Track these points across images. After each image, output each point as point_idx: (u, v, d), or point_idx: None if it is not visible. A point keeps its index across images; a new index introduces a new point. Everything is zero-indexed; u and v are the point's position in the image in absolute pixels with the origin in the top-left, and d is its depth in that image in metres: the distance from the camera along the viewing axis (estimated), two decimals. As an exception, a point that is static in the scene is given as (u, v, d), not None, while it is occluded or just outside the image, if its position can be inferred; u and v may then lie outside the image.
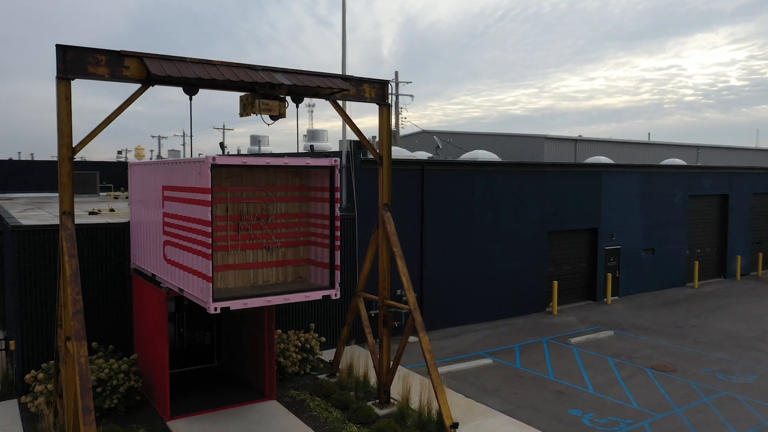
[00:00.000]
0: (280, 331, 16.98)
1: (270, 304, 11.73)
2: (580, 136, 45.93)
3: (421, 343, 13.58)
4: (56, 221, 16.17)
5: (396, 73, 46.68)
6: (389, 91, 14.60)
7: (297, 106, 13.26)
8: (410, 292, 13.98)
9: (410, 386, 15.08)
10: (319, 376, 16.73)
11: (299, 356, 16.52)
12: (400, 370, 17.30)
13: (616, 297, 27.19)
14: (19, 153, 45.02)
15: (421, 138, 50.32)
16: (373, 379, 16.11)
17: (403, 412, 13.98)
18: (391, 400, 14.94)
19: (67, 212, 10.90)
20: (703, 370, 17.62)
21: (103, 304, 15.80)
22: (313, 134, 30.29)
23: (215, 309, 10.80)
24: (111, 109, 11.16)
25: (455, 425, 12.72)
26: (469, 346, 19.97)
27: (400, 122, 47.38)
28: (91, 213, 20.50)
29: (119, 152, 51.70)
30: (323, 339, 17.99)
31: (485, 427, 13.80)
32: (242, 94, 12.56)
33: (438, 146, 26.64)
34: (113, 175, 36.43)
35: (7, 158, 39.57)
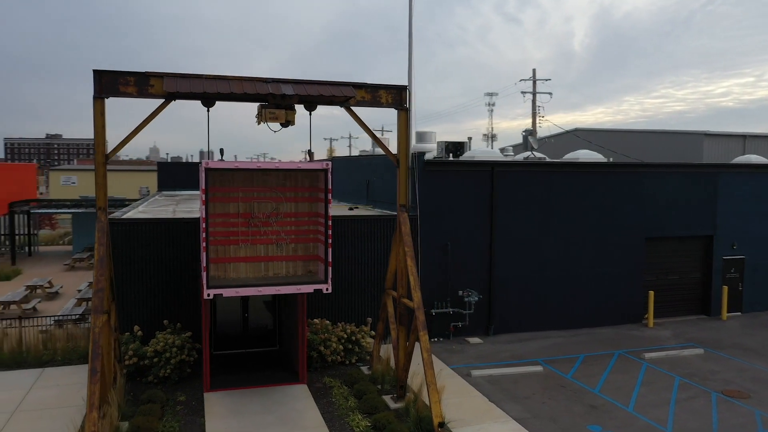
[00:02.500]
0: (327, 321, 18.14)
1: (261, 294, 12.97)
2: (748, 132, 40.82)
3: (420, 342, 13.90)
4: (150, 216, 19.06)
5: (534, 70, 45.54)
6: (407, 97, 15.00)
7: (310, 114, 14.33)
8: (416, 292, 14.34)
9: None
10: (362, 368, 17.64)
11: (341, 347, 17.57)
12: (444, 369, 17.66)
13: (738, 313, 24.23)
14: (193, 154, 51.52)
15: (564, 139, 48.50)
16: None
17: (410, 407, 14.38)
18: (408, 395, 15.38)
19: (101, 208, 13.16)
20: (783, 401, 15.44)
21: (182, 289, 18.15)
22: (421, 136, 31.00)
23: (208, 295, 12.31)
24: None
25: (441, 424, 12.91)
26: (529, 352, 19.46)
27: (537, 122, 46.17)
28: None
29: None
30: (373, 333, 18.83)
31: (488, 430, 13.72)
32: (258, 104, 13.96)
33: (533, 147, 25.80)
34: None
35: (180, 160, 45.59)
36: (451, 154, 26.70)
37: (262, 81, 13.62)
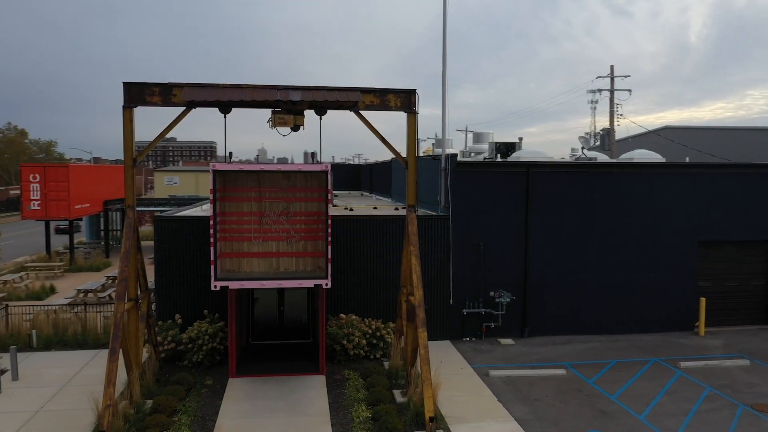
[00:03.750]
0: (354, 317, 18.85)
1: (264, 287, 13.91)
2: None
3: (419, 339, 14.29)
4: (193, 214, 20.62)
5: (611, 67, 43.90)
6: (415, 100, 15.40)
7: (320, 119, 15.12)
8: (418, 290, 14.73)
9: (441, 381, 15.73)
10: (384, 362, 18.22)
11: (364, 341, 18.23)
12: (465, 368, 17.91)
13: (808, 325, 22.43)
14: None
15: (646, 139, 46.49)
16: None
17: (410, 401, 14.80)
18: (411, 390, 15.77)
19: (129, 206, 14.63)
20: (818, 419, 14.38)
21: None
22: (478, 137, 31.05)
23: (215, 287, 13.41)
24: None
25: (432, 419, 13.26)
26: (559, 355, 19.20)
27: (615, 121, 44.51)
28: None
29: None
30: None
31: (484, 428, 13.89)
32: (271, 110, 14.94)
33: (582, 147, 25.06)
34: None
35: (285, 161, 48.09)
36: (500, 155, 26.71)
37: (272, 88, 14.57)
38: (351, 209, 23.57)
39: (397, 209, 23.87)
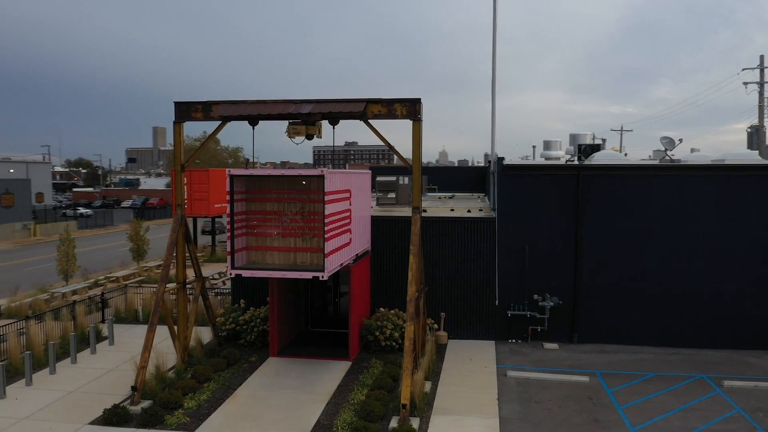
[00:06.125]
0: (392, 311, 20.11)
1: (271, 277, 15.85)
2: None
3: (406, 332, 15.26)
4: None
5: (761, 57, 39.39)
6: (420, 108, 16.30)
7: (333, 128, 16.76)
8: (411, 286, 15.70)
9: (445, 377, 16.56)
10: (415, 355, 19.27)
11: (396, 333, 19.42)
12: (488, 367, 18.40)
13: None
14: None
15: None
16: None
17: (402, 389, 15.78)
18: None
19: (179, 204, 17.51)
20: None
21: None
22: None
23: (230, 274, 15.72)
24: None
25: (404, 406, 14.22)
26: (596, 363, 18.70)
27: (765, 117, 39.91)
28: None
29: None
30: (436, 325, 20.26)
31: (464, 422, 14.47)
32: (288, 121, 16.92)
33: (666, 150, 23.21)
34: (446, 177, 42.82)
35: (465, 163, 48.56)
36: (581, 156, 26.15)
37: (289, 102, 16.53)
38: (425, 210, 24.74)
39: (469, 211, 24.53)
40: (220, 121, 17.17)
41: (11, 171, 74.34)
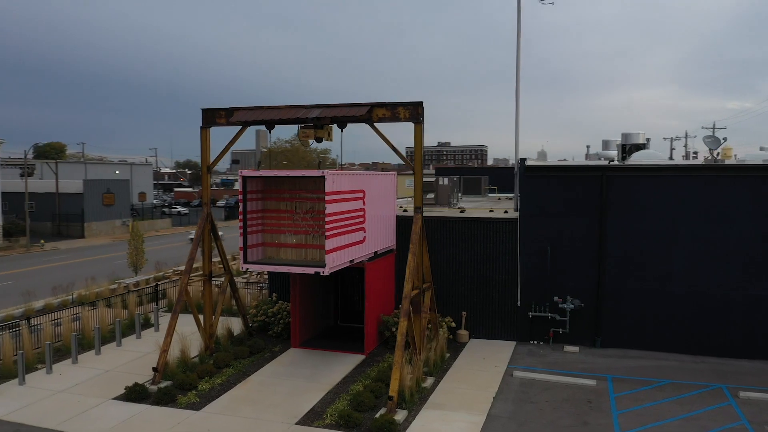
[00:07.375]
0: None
1: (277, 271, 16.87)
2: None
3: (399, 328, 15.78)
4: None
5: None
6: (421, 111, 16.71)
7: (342, 131, 17.56)
8: (407, 284, 16.19)
9: (451, 373, 17.00)
10: (430, 351, 19.70)
11: (413, 331, 19.94)
12: (499, 366, 18.55)
13: None
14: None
15: None
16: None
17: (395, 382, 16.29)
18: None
19: (205, 203, 18.98)
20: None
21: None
22: (626, 137, 29.10)
23: (242, 268, 16.93)
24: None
25: (390, 398, 14.78)
26: (612, 368, 18.29)
27: None
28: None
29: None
30: (453, 323, 20.58)
31: (450, 417, 14.83)
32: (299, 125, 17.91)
33: (711, 149, 21.90)
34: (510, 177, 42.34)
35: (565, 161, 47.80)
36: (623, 155, 25.57)
37: (300, 107, 17.51)
38: (463, 210, 25.04)
39: (491, 211, 24.57)
40: (240, 126, 18.46)
41: (117, 172, 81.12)
